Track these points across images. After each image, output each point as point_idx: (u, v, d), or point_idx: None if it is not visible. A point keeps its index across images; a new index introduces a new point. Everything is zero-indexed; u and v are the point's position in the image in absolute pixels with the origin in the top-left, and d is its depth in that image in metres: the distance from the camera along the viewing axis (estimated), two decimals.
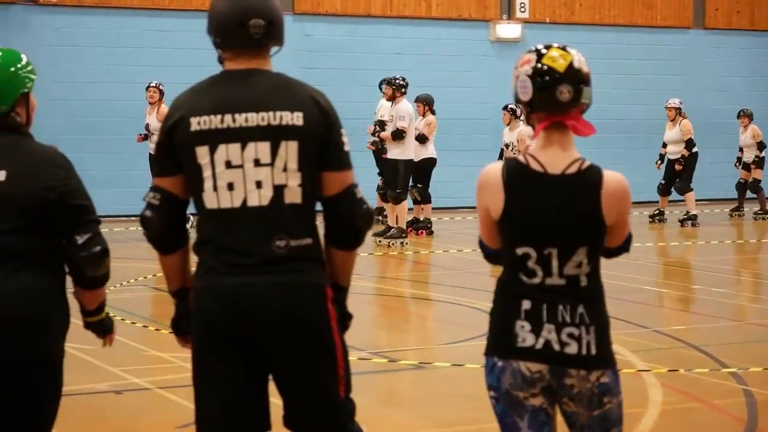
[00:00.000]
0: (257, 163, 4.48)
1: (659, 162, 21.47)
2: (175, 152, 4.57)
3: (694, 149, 20.83)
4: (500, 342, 4.43)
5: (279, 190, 4.49)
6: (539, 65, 4.36)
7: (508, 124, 19.79)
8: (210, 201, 4.51)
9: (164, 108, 16.70)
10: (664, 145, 21.16)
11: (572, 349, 4.33)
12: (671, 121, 20.71)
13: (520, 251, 4.38)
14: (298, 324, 4.54)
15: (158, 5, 22.38)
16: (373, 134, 18.29)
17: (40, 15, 21.68)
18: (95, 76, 21.58)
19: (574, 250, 4.34)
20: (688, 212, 21.31)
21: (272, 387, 4.71)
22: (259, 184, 4.49)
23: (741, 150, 22.76)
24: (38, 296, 4.64)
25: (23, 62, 4.85)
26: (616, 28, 26.03)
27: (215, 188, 4.49)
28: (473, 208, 4.58)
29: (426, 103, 19.16)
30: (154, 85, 18.63)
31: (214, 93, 4.55)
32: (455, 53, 24.50)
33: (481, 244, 4.60)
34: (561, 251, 4.35)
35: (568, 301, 4.35)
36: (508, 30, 25.11)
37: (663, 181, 21.25)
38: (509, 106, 19.17)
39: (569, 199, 4.35)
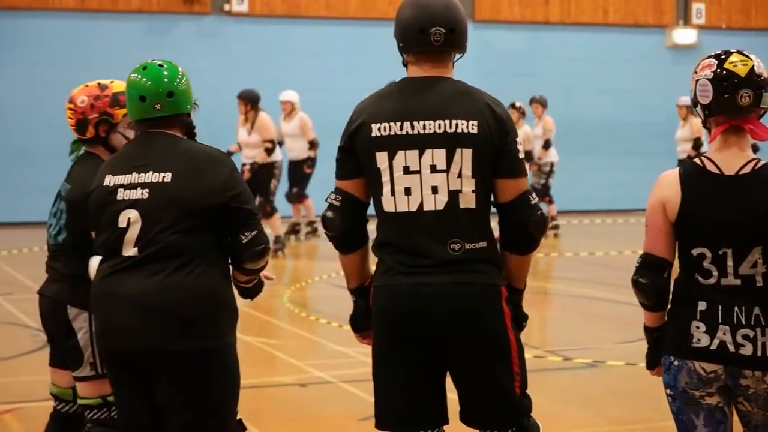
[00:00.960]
0: (433, 169, 4.48)
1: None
2: (356, 156, 4.59)
3: (702, 149, 19.58)
4: (676, 342, 4.39)
5: (454, 195, 4.48)
6: (720, 70, 4.32)
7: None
8: (388, 204, 4.53)
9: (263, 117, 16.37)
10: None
11: (747, 350, 4.26)
12: (683, 119, 19.50)
13: (695, 252, 4.33)
14: (474, 322, 4.52)
15: (341, 14, 22.55)
16: None
17: (230, 25, 22.01)
18: (283, 83, 21.84)
19: (749, 250, 4.27)
20: None
21: (449, 383, 4.70)
22: (434, 190, 4.48)
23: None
24: (204, 290, 4.66)
25: (183, 72, 4.90)
26: None
27: (393, 192, 4.51)
28: (642, 210, 4.53)
29: (543, 105, 18.75)
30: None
31: (395, 100, 4.56)
32: (631, 59, 24.18)
33: (644, 258, 4.51)
34: (736, 251, 4.28)
35: (743, 302, 4.28)
36: (684, 36, 24.71)
37: None
38: (517, 104, 18.20)
39: (744, 199, 4.29)
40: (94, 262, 4.84)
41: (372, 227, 4.61)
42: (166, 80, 4.77)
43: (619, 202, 22.32)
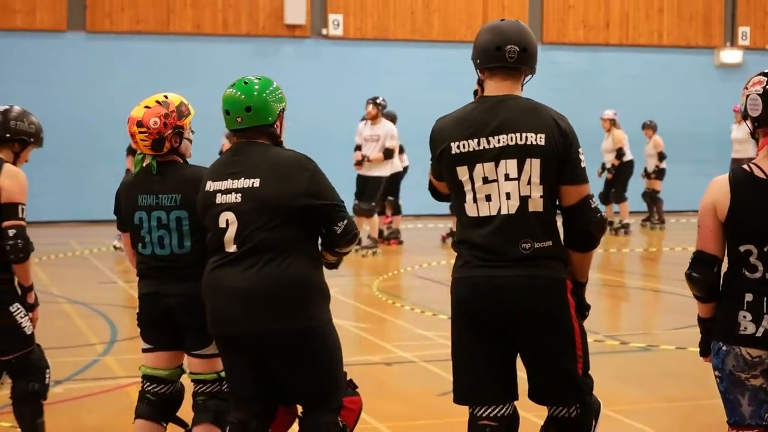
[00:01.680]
0: (507, 177, 4.48)
1: (600, 171, 18.93)
2: (440, 168, 4.66)
3: (625, 158, 18.86)
4: (725, 330, 4.38)
5: (524, 200, 4.48)
6: None
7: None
8: (471, 210, 4.55)
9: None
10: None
11: None
12: (607, 131, 18.94)
13: (742, 248, 4.31)
14: (541, 311, 4.52)
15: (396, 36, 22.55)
16: None
17: (327, 47, 22.10)
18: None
19: None
20: (621, 221, 19.12)
21: (519, 364, 4.67)
22: (508, 196, 4.49)
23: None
24: (302, 278, 4.73)
25: (275, 86, 4.95)
26: None
27: (475, 200, 4.53)
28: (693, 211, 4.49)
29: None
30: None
31: (471, 119, 4.57)
32: (683, 77, 23.99)
33: (696, 256, 4.48)
34: None
35: None
36: (731, 56, 24.45)
37: (601, 191, 18.79)
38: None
39: None
40: None
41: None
42: (246, 96, 4.84)
43: (672, 203, 22.10)
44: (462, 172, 4.53)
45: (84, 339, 9.96)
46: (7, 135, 5.72)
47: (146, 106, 5.28)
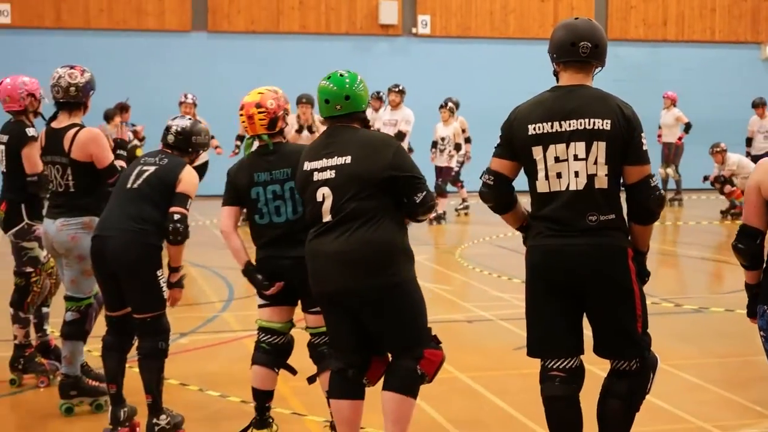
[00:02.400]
0: (576, 157, 4.45)
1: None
2: (511, 147, 4.60)
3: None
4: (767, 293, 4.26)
5: (591, 178, 4.45)
6: None
7: (446, 121, 16.44)
8: (542, 186, 4.52)
9: None
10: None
11: None
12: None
13: None
14: (605, 275, 4.49)
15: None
16: None
17: (417, 44, 22.04)
18: (456, 91, 21.83)
19: None
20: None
21: (585, 322, 4.64)
22: (576, 174, 4.45)
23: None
24: (387, 241, 4.73)
25: (361, 78, 5.02)
26: None
27: (547, 177, 4.49)
28: None
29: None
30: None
31: (546, 105, 4.54)
32: (732, 69, 23.56)
33: (743, 229, 4.43)
34: None
35: None
36: None
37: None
38: (449, 104, 16.44)
39: None
40: None
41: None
42: (344, 86, 4.90)
43: None
44: (537, 152, 4.51)
45: (205, 297, 10.09)
46: (189, 149, 5.85)
47: (259, 92, 5.45)
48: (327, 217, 4.77)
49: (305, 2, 21.59)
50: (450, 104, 16.33)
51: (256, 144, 5.47)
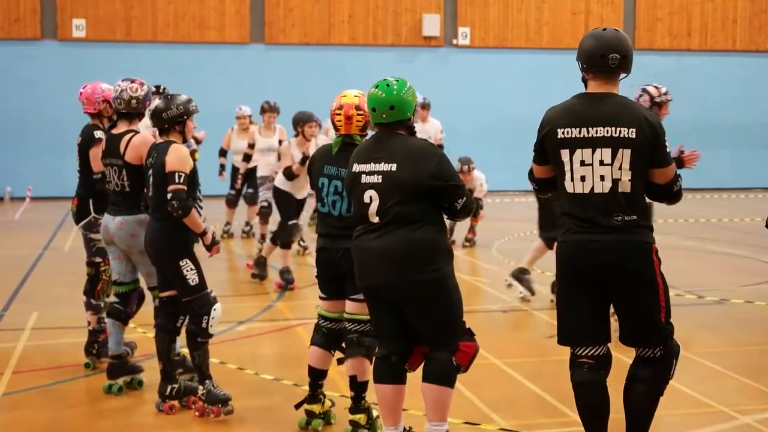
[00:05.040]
0: (602, 163, 4.44)
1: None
2: (544, 150, 4.60)
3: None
4: None
5: (615, 182, 4.44)
6: None
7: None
8: (569, 187, 4.51)
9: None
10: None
11: None
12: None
13: None
14: (631, 268, 4.47)
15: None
16: None
17: (457, 54, 21.97)
18: (496, 99, 21.72)
19: None
20: None
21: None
22: (602, 178, 4.44)
23: None
24: (429, 239, 4.71)
25: (409, 85, 4.91)
26: None
27: (572, 179, 4.49)
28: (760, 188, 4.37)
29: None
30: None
31: (575, 111, 4.52)
32: (753, 77, 23.28)
33: None
34: None
35: None
36: None
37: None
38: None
39: None
40: None
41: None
42: (391, 95, 4.82)
43: (740, 181, 21.57)
44: (564, 155, 4.49)
45: (262, 289, 10.13)
46: (166, 125, 5.86)
47: (356, 96, 5.46)
48: (374, 219, 4.77)
49: (354, 16, 21.60)
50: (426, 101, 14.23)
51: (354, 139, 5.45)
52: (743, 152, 22.46)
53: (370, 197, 4.76)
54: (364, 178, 4.80)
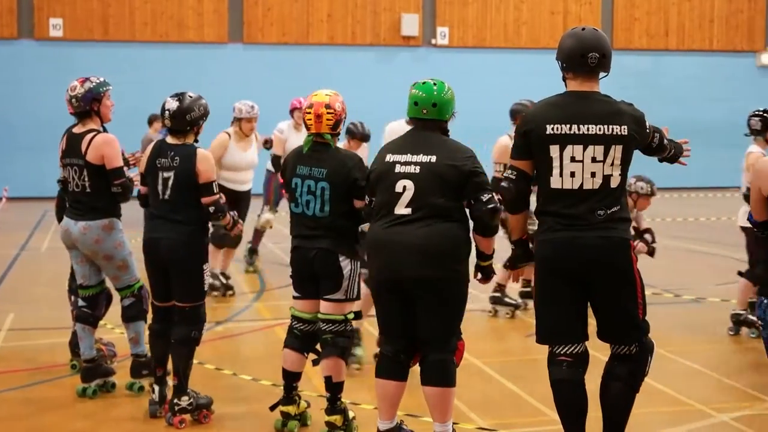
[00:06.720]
0: (594, 160, 4.45)
1: None
2: (528, 146, 4.57)
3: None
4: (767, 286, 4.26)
5: (607, 178, 4.46)
6: None
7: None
8: (555, 183, 4.50)
9: None
10: None
11: None
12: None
13: None
14: (611, 264, 4.49)
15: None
16: None
17: (436, 54, 21.99)
18: (474, 97, 21.78)
19: None
20: None
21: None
22: (593, 174, 4.45)
23: None
24: (452, 237, 4.75)
25: (448, 87, 5.00)
26: None
27: (561, 174, 4.48)
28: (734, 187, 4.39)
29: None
30: None
31: (562, 107, 4.52)
32: (730, 76, 23.47)
33: (749, 219, 4.40)
34: None
35: None
36: None
37: None
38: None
39: None
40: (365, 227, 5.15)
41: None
42: (432, 94, 4.90)
43: (715, 180, 21.74)
44: (553, 150, 4.48)
45: (239, 289, 10.10)
46: (188, 127, 5.72)
47: (327, 94, 5.43)
48: (402, 209, 4.76)
49: (333, 15, 21.59)
50: None
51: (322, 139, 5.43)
52: (720, 152, 22.57)
53: (404, 187, 4.76)
54: (399, 168, 4.80)
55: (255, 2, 21.21)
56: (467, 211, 4.88)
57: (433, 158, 4.76)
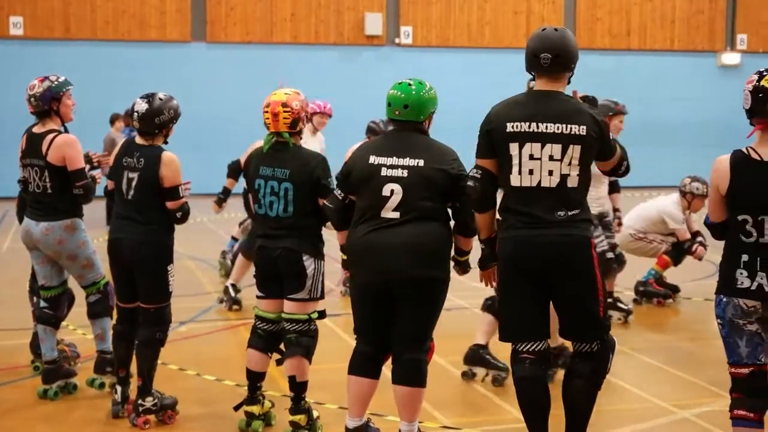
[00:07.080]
0: (551, 158, 4.46)
1: None
2: (491, 143, 4.58)
3: None
4: (725, 284, 4.34)
5: (564, 177, 4.47)
6: (758, 84, 4.27)
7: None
8: (515, 180, 4.52)
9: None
10: None
11: None
12: None
13: (740, 217, 4.26)
14: (572, 262, 4.51)
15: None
16: None
17: (399, 53, 22.00)
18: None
19: None
20: None
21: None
22: (550, 173, 4.47)
23: None
24: (439, 237, 4.77)
25: (429, 87, 4.96)
26: None
27: (520, 172, 4.50)
28: None
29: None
30: None
31: (524, 106, 4.54)
32: (691, 75, 23.71)
33: (706, 222, 4.49)
34: None
35: None
36: (731, 58, 23.97)
37: None
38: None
39: None
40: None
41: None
42: (405, 95, 4.87)
43: (678, 179, 21.90)
44: (513, 148, 4.50)
45: (202, 288, 10.05)
46: (156, 130, 5.64)
47: (285, 93, 5.39)
48: (389, 213, 4.75)
49: (297, 14, 21.54)
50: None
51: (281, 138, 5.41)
52: (683, 150, 22.81)
53: (392, 191, 4.75)
54: (385, 171, 4.78)
55: (218, 1, 21.11)
56: (449, 212, 4.90)
57: (421, 162, 4.75)
